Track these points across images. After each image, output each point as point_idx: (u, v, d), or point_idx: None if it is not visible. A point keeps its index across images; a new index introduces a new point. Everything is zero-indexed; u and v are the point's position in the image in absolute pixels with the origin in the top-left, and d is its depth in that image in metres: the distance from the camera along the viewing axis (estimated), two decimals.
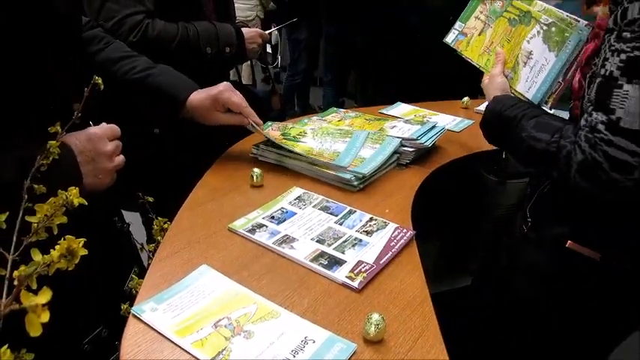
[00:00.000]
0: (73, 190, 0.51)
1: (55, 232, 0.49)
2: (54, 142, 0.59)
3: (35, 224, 0.48)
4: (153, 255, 0.79)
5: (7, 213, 0.48)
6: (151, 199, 0.95)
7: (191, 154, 1.19)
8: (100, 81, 0.65)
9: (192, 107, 1.03)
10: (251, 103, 1.62)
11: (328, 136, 1.18)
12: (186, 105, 1.03)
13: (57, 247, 0.45)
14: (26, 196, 0.52)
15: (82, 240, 0.46)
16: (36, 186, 0.56)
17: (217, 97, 1.03)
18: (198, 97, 1.04)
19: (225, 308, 0.65)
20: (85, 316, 0.78)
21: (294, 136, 1.18)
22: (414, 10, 1.71)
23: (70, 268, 0.45)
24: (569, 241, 0.89)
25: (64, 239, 0.45)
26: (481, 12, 1.27)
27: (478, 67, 1.22)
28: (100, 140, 0.74)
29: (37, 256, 0.44)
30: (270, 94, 1.68)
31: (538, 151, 0.85)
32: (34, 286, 0.41)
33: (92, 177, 0.72)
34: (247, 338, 0.60)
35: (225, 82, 1.07)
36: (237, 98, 1.05)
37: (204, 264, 0.74)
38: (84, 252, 0.46)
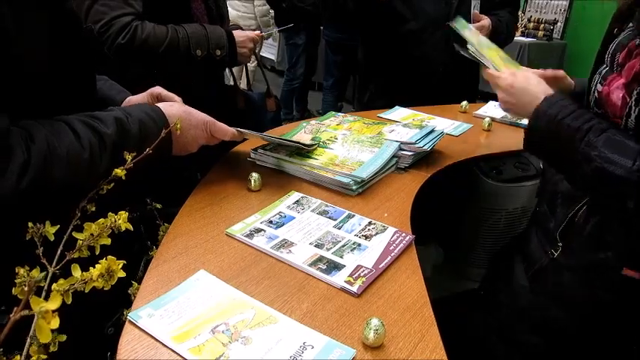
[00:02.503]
0: (123, 215, 0.52)
1: (97, 252, 0.50)
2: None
3: (80, 241, 0.48)
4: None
5: (58, 226, 0.49)
6: (159, 206, 0.95)
7: (197, 165, 1.17)
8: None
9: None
10: (247, 107, 1.62)
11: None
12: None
13: (97, 266, 0.46)
14: (79, 214, 0.54)
15: (122, 262, 0.47)
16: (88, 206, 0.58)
17: (152, 90, 1.00)
18: (135, 96, 1.01)
19: (222, 314, 0.64)
20: (107, 300, 0.79)
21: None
22: (411, 15, 1.71)
23: (105, 288, 0.46)
24: (625, 269, 0.82)
25: (106, 259, 0.46)
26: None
27: (480, 60, 1.10)
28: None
29: (76, 272, 0.44)
30: (265, 97, 1.67)
31: (612, 176, 0.73)
32: (69, 301, 0.41)
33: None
34: (245, 344, 0.59)
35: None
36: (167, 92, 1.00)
37: (202, 269, 0.73)
38: (122, 274, 0.47)
